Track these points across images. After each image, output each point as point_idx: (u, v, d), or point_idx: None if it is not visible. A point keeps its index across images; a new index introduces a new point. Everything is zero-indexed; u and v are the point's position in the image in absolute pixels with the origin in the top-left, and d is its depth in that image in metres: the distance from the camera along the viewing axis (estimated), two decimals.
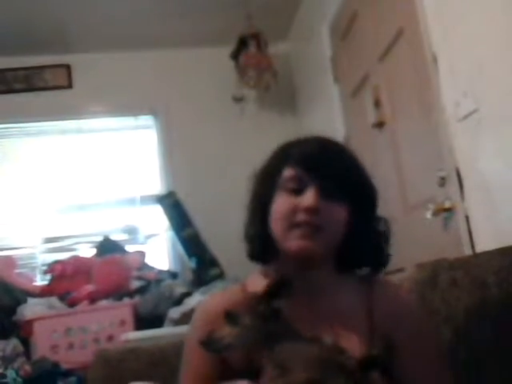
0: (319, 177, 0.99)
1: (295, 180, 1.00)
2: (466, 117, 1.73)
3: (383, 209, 2.72)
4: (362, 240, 1.03)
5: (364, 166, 1.07)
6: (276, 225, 1.00)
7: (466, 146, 1.78)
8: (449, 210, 1.88)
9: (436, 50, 1.89)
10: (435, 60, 1.90)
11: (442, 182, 1.90)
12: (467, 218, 1.80)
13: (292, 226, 0.98)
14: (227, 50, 3.42)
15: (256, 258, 1.07)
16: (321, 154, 1.02)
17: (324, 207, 0.98)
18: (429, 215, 1.93)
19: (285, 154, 1.04)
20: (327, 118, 3.13)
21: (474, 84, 1.69)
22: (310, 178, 0.99)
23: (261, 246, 1.04)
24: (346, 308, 1.02)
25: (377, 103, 2.45)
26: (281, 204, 1.00)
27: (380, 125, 2.44)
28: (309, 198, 0.98)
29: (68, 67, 3.56)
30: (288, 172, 1.01)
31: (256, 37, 3.35)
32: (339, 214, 1.00)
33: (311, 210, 0.97)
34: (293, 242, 0.98)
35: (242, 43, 3.37)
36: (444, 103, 1.86)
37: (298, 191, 0.99)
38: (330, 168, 1.00)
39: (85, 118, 3.61)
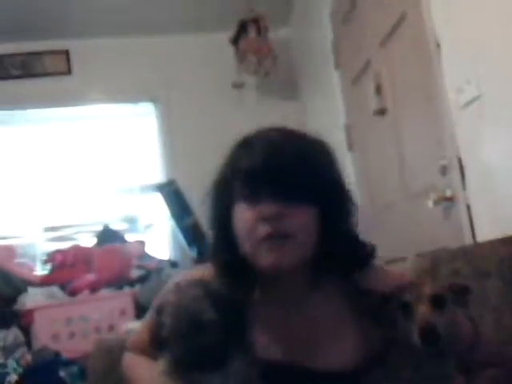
0: (273, 184, 0.90)
1: (248, 194, 0.92)
2: (468, 104, 1.70)
3: (384, 197, 2.70)
4: (338, 243, 0.95)
5: (331, 160, 0.98)
6: (242, 242, 0.93)
7: (468, 134, 1.76)
8: (450, 198, 1.86)
9: (439, 35, 1.86)
10: (438, 46, 1.87)
11: (444, 170, 1.88)
12: (468, 206, 1.78)
13: (258, 241, 0.90)
14: (227, 35, 3.38)
15: (231, 276, 0.98)
16: (270, 163, 0.91)
17: (286, 213, 0.89)
18: (430, 204, 1.91)
19: (232, 170, 0.97)
20: (328, 104, 3.10)
21: (477, 70, 1.66)
22: (263, 188, 0.91)
23: (233, 266, 0.96)
24: (330, 313, 0.97)
25: (378, 90, 2.42)
26: (240, 219, 0.93)
27: (381, 112, 2.41)
28: (266, 206, 0.89)
29: (67, 53, 3.52)
30: (239, 187, 0.94)
31: (256, 22, 3.31)
32: (305, 217, 0.91)
33: (272, 219, 0.89)
34: (262, 259, 0.91)
35: (242, 28, 3.33)
36: (446, 90, 1.83)
37: (254, 202, 0.91)
38: (283, 173, 0.91)
39: (84, 105, 3.58)
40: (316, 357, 0.93)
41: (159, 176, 3.51)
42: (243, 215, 0.93)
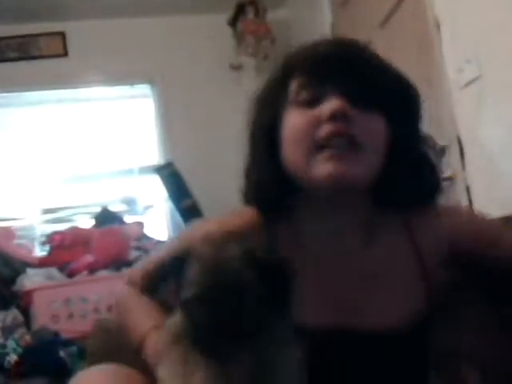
0: (340, 79, 0.72)
1: (308, 88, 0.73)
2: (468, 84, 1.70)
3: None
4: (405, 163, 0.77)
5: (396, 68, 0.81)
6: (293, 151, 0.73)
7: (468, 114, 1.75)
8: (449, 179, 1.86)
9: (439, 15, 1.85)
10: (438, 25, 1.86)
11: (443, 150, 1.88)
12: (467, 186, 1.79)
13: (316, 146, 0.71)
14: (225, 16, 3.35)
15: (267, 207, 0.79)
16: (337, 52, 0.75)
17: (356, 115, 0.71)
18: None
19: (290, 62, 0.79)
20: None
21: (477, 50, 1.66)
22: (328, 83, 0.73)
23: (273, 188, 0.76)
24: (390, 256, 0.79)
25: None
26: (294, 121, 0.73)
27: None
28: (333, 102, 0.70)
29: (63, 35, 3.49)
30: (297, 81, 0.75)
31: (254, 3, 3.29)
32: (377, 124, 0.73)
33: (340, 116, 0.70)
34: (319, 168, 0.70)
35: (240, 10, 3.30)
36: (446, 70, 1.82)
37: (314, 102, 0.73)
38: (353, 66, 0.73)
39: (80, 87, 3.56)
40: (370, 316, 0.78)
41: (157, 158, 3.50)
42: (297, 119, 0.73)
